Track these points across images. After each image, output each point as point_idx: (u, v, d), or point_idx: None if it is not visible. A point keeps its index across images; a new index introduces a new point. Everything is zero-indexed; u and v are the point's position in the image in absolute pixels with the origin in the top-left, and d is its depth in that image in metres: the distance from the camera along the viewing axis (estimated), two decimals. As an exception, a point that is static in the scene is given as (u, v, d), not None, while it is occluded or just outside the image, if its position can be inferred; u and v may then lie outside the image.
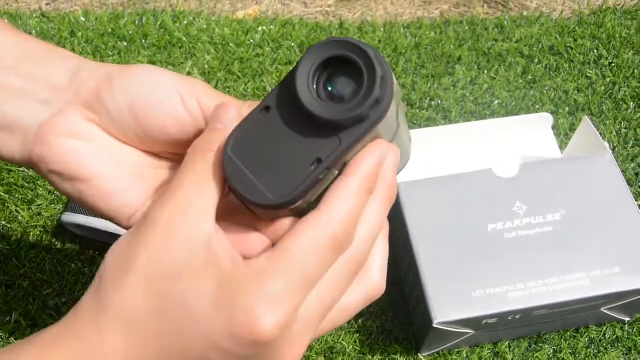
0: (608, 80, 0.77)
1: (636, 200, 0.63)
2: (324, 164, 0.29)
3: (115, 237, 0.59)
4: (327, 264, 0.29)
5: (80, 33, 0.78)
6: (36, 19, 0.80)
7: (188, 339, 0.28)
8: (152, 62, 0.76)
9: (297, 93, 0.29)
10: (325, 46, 0.29)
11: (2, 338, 0.58)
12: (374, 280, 0.33)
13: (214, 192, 0.30)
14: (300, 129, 0.29)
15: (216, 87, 0.74)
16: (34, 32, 0.77)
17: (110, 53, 0.76)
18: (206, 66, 0.76)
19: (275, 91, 0.30)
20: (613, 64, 0.79)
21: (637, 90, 0.76)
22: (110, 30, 0.78)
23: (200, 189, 0.30)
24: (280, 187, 0.29)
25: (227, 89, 0.74)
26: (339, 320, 0.32)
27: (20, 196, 0.65)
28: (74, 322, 0.29)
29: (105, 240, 0.62)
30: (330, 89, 0.29)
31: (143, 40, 0.78)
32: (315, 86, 0.29)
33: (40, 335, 0.29)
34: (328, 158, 0.29)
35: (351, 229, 0.30)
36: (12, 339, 0.58)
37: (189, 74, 0.75)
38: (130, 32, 0.78)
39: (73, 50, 0.76)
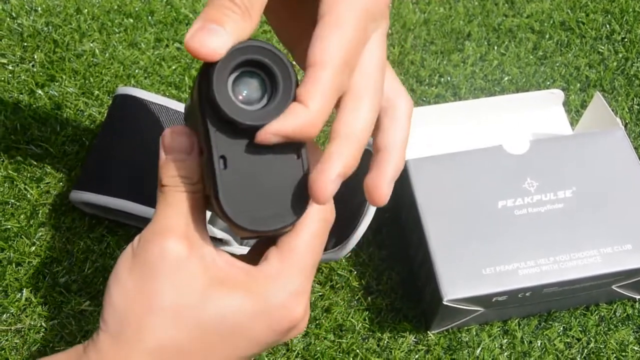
0: (620, 55, 0.76)
1: (648, 177, 0.62)
2: (303, 148, 0.30)
3: (124, 214, 0.59)
4: (324, 242, 0.34)
5: (86, 10, 0.77)
6: (42, -4, 0.79)
7: (233, 347, 0.31)
8: (158, 40, 0.75)
9: (239, 122, 0.28)
10: (234, 53, 0.29)
11: (13, 315, 0.58)
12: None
13: (203, 216, 0.33)
14: (260, 144, 0.29)
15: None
16: (39, 8, 0.77)
17: (117, 30, 0.76)
18: (213, 43, 0.75)
19: (214, 138, 0.29)
20: (626, 39, 0.77)
21: (649, 65, 0.75)
22: (116, 7, 0.78)
23: (193, 221, 0.32)
24: (296, 193, 0.30)
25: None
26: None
27: (28, 174, 0.65)
28: None
29: (113, 218, 0.62)
30: (245, 92, 0.29)
31: (149, 17, 0.77)
32: (238, 97, 0.29)
33: None
34: (300, 142, 0.30)
35: (332, 203, 0.34)
36: (23, 315, 0.58)
37: (196, 51, 0.74)
38: (137, 9, 0.77)
39: (79, 27, 0.75)
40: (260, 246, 0.35)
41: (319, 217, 0.33)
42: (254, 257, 0.34)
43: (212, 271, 0.31)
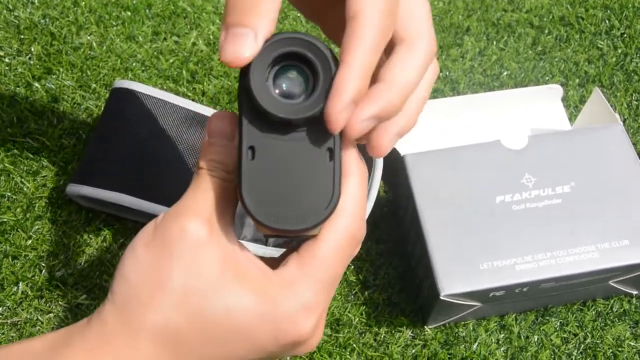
0: (619, 51, 0.76)
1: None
2: (335, 149, 0.29)
3: (120, 208, 0.59)
4: (348, 260, 0.32)
5: (84, 2, 0.77)
6: (39, -11, 0.79)
7: (232, 346, 0.30)
8: (156, 33, 0.75)
9: (266, 111, 0.28)
10: (275, 44, 0.28)
11: (9, 308, 0.58)
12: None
13: (232, 208, 0.32)
14: (293, 139, 0.29)
15: (221, 57, 0.73)
16: (36, 1, 0.76)
17: (114, 23, 0.75)
18: (211, 36, 0.75)
19: (246, 128, 0.29)
20: (625, 35, 0.77)
21: (648, 61, 0.75)
22: (113, 0, 0.77)
23: (220, 209, 0.31)
24: (320, 197, 0.29)
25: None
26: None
27: (25, 167, 0.65)
28: (103, 340, 0.30)
29: (110, 212, 0.62)
30: (285, 85, 0.29)
31: (147, 10, 0.77)
32: (275, 88, 0.29)
33: (70, 351, 0.30)
34: (335, 143, 0.29)
35: (362, 221, 0.32)
36: (19, 309, 0.58)
37: (193, 44, 0.74)
38: (134, 2, 0.77)
39: (76, 19, 0.75)
40: (287, 254, 0.34)
41: (345, 232, 0.31)
42: (278, 263, 0.33)
43: (229, 262, 0.30)
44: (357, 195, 0.31)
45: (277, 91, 0.29)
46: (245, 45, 0.27)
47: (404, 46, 0.30)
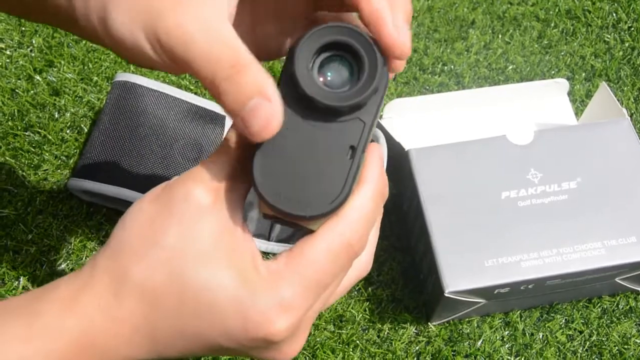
0: (627, 45, 0.75)
1: (653, 169, 0.61)
2: (358, 149, 0.29)
3: (122, 202, 0.59)
4: (341, 270, 0.31)
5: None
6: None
7: (203, 324, 0.29)
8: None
9: (308, 94, 0.28)
10: (321, 32, 0.28)
11: (9, 303, 0.58)
12: (364, 263, 0.34)
13: (245, 188, 0.31)
14: (319, 126, 0.29)
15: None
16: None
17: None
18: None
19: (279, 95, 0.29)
20: (632, 28, 0.76)
21: (656, 55, 0.74)
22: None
23: (229, 181, 0.30)
24: (328, 190, 0.29)
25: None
26: (330, 304, 0.34)
27: (26, 161, 0.65)
28: (91, 282, 0.30)
29: (111, 206, 0.61)
30: (330, 74, 0.29)
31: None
32: (319, 76, 0.29)
33: (57, 290, 0.30)
34: (359, 142, 0.29)
35: (365, 236, 0.31)
36: (20, 304, 0.58)
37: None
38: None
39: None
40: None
41: (342, 237, 0.30)
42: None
43: (225, 237, 0.29)
44: (366, 206, 0.30)
45: (321, 79, 0.29)
46: (264, 112, 0.27)
47: None
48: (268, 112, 0.27)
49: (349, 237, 0.30)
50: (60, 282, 0.30)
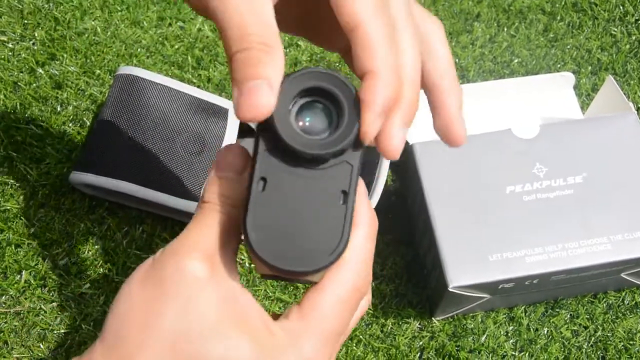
0: (634, 38, 0.74)
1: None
2: (350, 193, 0.28)
3: (124, 196, 0.59)
4: (352, 314, 0.31)
5: (88, -13, 0.75)
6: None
7: None
8: (161, 18, 0.74)
9: (292, 147, 0.27)
10: (299, 78, 0.28)
11: (12, 297, 0.58)
12: (366, 300, 0.34)
13: (235, 245, 0.30)
14: (307, 175, 0.28)
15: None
16: (40, -14, 0.75)
17: (119, 8, 0.74)
18: (217, 22, 0.74)
19: (260, 158, 0.28)
20: (639, 21, 0.76)
21: (663, 49, 0.73)
22: (118, -15, 0.76)
23: (224, 246, 0.29)
24: (327, 241, 0.28)
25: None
26: (342, 343, 0.34)
27: (28, 155, 0.64)
28: None
29: (114, 200, 0.61)
30: (308, 120, 0.28)
31: (152, -5, 0.76)
32: (299, 124, 0.28)
33: None
34: (350, 186, 0.28)
35: (369, 275, 0.31)
36: (22, 298, 0.58)
37: (199, 30, 0.73)
38: (139, -13, 0.76)
39: (80, 4, 0.74)
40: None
41: (349, 284, 0.30)
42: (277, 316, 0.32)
43: (230, 306, 0.28)
44: (364, 247, 0.30)
45: (299, 125, 0.28)
46: (262, 96, 0.26)
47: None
48: (265, 98, 0.26)
49: (354, 282, 0.30)
50: None
